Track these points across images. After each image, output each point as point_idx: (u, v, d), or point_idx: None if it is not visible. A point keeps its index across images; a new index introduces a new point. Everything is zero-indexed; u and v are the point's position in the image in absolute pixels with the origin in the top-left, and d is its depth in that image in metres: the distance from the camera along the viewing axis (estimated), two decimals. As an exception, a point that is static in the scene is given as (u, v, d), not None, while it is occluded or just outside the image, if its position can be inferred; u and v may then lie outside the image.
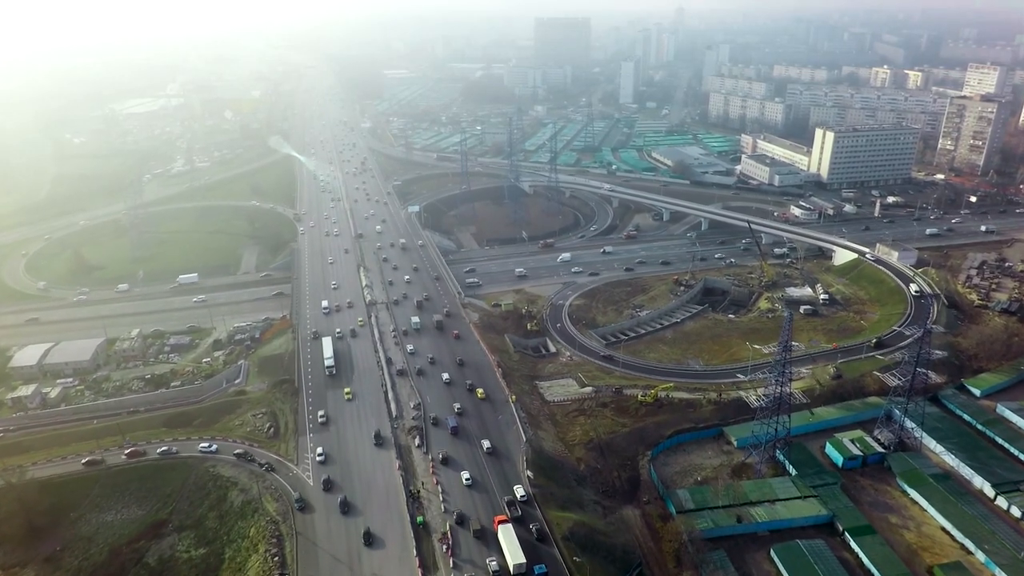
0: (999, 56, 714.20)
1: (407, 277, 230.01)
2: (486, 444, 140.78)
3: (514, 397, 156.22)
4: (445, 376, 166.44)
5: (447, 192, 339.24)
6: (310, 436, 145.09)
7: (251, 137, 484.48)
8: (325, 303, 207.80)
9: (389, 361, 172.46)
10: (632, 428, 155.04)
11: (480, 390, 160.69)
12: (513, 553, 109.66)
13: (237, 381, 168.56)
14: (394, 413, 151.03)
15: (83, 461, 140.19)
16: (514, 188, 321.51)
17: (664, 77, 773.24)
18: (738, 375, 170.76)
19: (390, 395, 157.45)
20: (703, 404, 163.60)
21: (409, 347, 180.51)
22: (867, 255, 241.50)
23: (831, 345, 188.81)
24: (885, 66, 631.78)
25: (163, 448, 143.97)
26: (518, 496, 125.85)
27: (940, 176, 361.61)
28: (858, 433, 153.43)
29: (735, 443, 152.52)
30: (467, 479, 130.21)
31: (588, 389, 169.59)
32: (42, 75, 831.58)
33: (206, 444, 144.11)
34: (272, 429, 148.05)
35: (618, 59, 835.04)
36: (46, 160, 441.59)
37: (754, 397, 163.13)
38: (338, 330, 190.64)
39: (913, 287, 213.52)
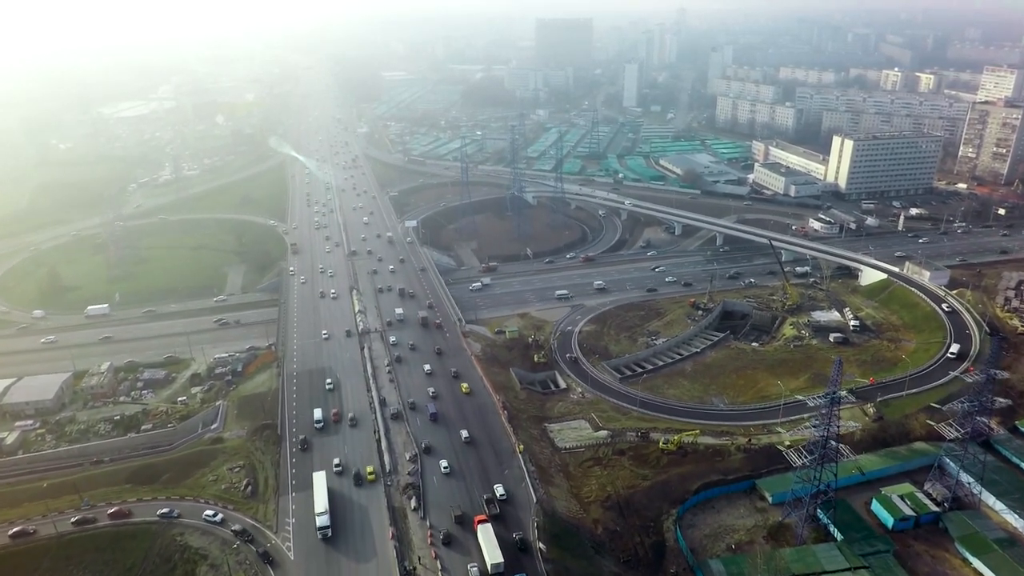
0: (1007, 57, 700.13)
1: (400, 310, 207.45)
2: (464, 433, 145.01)
3: (521, 447, 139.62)
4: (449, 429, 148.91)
5: (446, 203, 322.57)
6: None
7: (243, 143, 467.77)
8: (318, 413, 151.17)
9: (383, 402, 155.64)
10: (654, 481, 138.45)
11: (464, 384, 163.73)
12: (491, 553, 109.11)
13: (214, 426, 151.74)
14: (387, 467, 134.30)
15: (32, 528, 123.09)
16: (517, 200, 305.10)
17: (667, 79, 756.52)
18: (779, 430, 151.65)
19: (383, 443, 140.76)
20: (731, 451, 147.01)
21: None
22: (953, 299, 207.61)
23: (867, 380, 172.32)
24: (896, 69, 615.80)
25: (164, 510, 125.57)
26: (498, 495, 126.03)
27: (962, 185, 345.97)
28: (907, 488, 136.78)
29: (770, 499, 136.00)
30: (445, 467, 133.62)
31: (603, 433, 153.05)
32: (34, 77, 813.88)
33: (211, 512, 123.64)
34: (250, 487, 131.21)
35: (620, 60, 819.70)
36: (29, 167, 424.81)
37: (787, 442, 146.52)
38: (336, 462, 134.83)
39: (953, 346, 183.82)
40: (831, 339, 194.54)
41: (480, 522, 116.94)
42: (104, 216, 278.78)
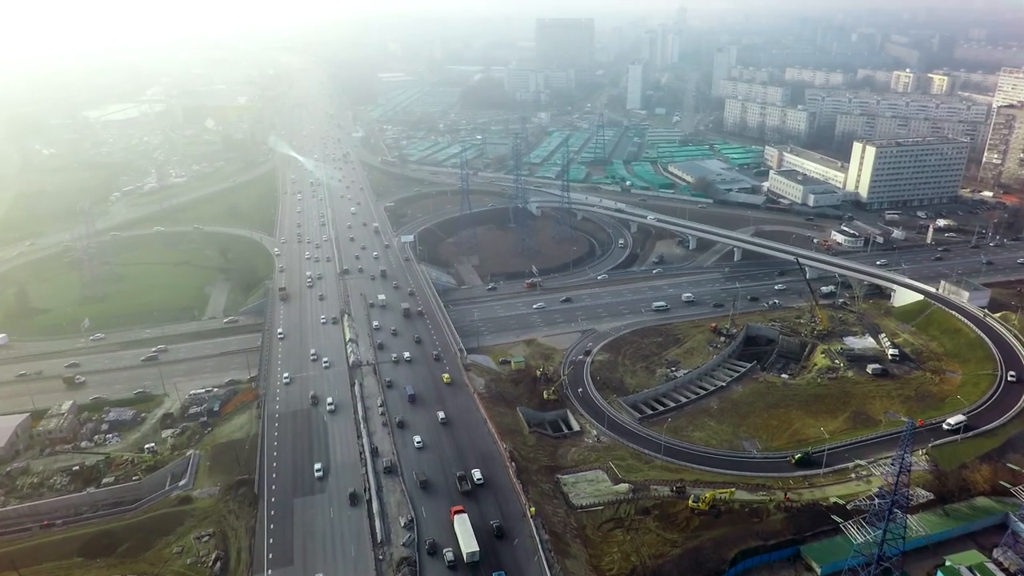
0: (1016, 58, 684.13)
1: (395, 328, 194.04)
2: (440, 414, 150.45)
3: (533, 510, 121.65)
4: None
5: (445, 215, 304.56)
6: None
7: (233, 148, 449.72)
8: None
9: (375, 452, 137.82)
10: (684, 548, 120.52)
11: (446, 375, 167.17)
12: (467, 542, 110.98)
13: (182, 482, 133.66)
14: (379, 536, 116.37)
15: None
16: (521, 212, 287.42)
17: (670, 80, 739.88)
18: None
19: (374, 506, 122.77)
20: (770, 510, 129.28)
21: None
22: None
23: (916, 421, 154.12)
24: (908, 70, 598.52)
25: None
26: (475, 479, 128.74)
27: (988, 193, 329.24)
28: (976, 556, 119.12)
29: (818, 570, 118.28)
30: (419, 442, 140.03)
31: (624, 487, 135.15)
32: (19, 79, 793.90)
33: None
34: (219, 564, 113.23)
35: (622, 61, 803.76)
36: (10, 174, 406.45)
37: (833, 499, 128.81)
38: None
39: (954, 417, 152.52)
40: (869, 371, 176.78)
41: (456, 512, 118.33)
42: (77, 230, 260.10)
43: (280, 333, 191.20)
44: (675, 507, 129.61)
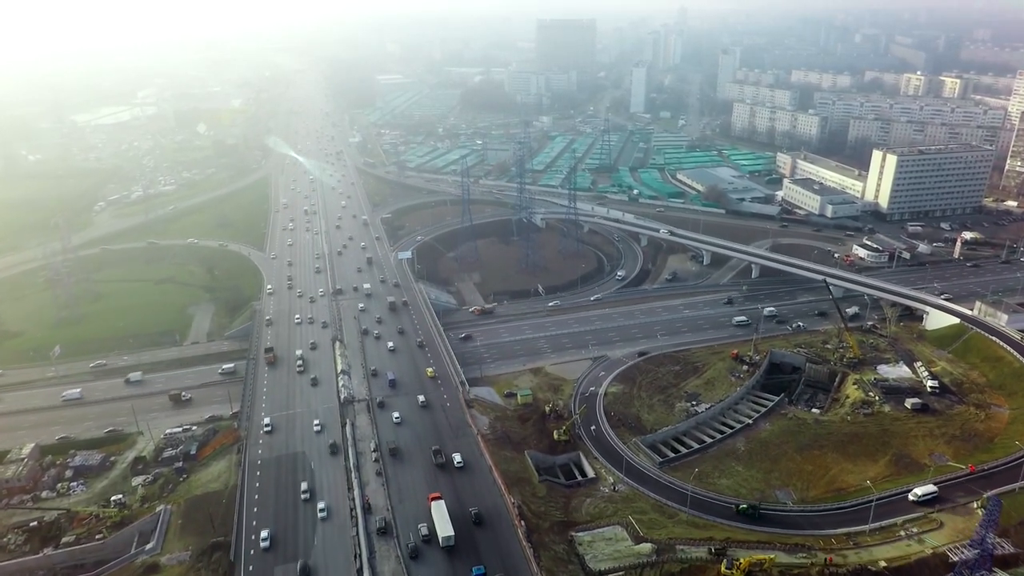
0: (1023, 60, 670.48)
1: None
2: (420, 398, 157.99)
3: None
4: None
5: (445, 227, 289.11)
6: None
7: (225, 154, 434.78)
8: None
9: (367, 509, 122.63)
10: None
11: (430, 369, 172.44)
12: (443, 527, 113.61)
13: (149, 546, 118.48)
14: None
15: None
16: (525, 224, 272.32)
17: (674, 82, 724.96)
18: (868, 539, 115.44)
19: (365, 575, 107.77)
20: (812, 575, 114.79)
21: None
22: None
23: (966, 466, 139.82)
24: (918, 72, 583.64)
25: None
26: (455, 462, 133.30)
27: (1012, 203, 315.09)
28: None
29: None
30: (397, 417, 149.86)
31: (646, 547, 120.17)
32: (8, 80, 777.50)
33: None
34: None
35: (624, 62, 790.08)
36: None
37: (883, 563, 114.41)
38: None
39: (921, 487, 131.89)
40: (907, 405, 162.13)
41: (434, 499, 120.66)
42: (51, 246, 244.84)
43: (267, 426, 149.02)
44: (705, 573, 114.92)
